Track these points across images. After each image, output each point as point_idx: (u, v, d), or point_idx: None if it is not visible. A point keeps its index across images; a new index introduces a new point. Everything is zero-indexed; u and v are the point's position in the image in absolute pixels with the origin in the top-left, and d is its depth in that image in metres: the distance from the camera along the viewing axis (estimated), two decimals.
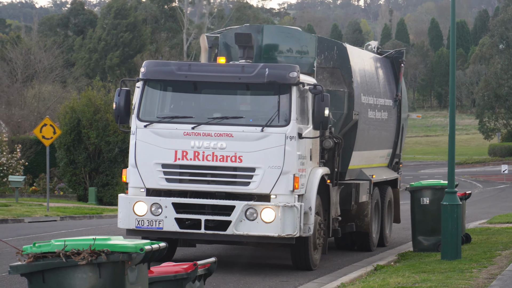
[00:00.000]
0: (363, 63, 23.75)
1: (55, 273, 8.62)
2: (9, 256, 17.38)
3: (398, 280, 18.92)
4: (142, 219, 17.98)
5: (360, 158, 23.56)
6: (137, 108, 18.03)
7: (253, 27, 22.19)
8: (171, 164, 17.95)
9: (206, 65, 19.27)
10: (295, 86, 17.70)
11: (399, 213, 28.66)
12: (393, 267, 21.88)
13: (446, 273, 19.73)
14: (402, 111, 27.22)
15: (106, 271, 8.63)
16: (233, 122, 17.70)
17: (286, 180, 17.42)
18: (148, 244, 9.02)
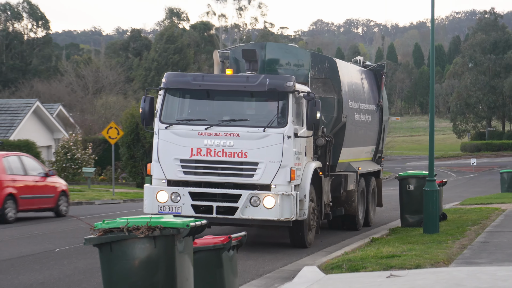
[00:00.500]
0: (350, 75, 23.70)
1: (120, 244, 8.64)
2: (83, 231, 17.39)
3: (389, 250, 18.91)
4: (164, 206, 17.95)
5: (348, 154, 23.43)
6: (159, 112, 18.19)
7: (257, 44, 22.40)
8: (188, 159, 17.91)
9: (217, 76, 19.37)
10: (291, 94, 17.78)
11: (381, 199, 28.74)
12: (385, 239, 21.87)
13: (427, 244, 19.72)
14: (383, 114, 27.27)
15: (160, 243, 8.64)
16: (239, 124, 17.84)
17: (284, 173, 17.40)
18: (193, 221, 9.03)
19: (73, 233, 23.82)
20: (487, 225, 24.66)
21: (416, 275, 15.29)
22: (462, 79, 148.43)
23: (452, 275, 15.11)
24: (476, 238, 21.10)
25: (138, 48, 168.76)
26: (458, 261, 16.98)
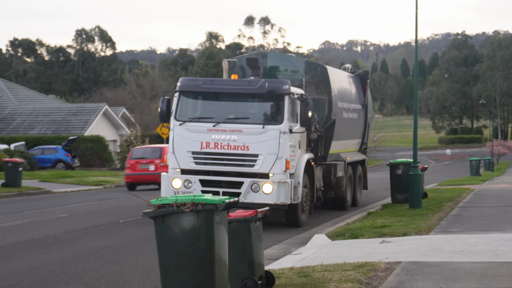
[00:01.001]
0: (339, 79, 23.02)
1: (170, 217, 8.65)
2: (142, 206, 17.38)
3: (382, 221, 18.88)
4: (178, 191, 17.26)
5: (338, 146, 22.62)
6: (174, 111, 17.61)
7: (260, 54, 21.56)
8: (198, 152, 17.24)
9: (224, 80, 18.64)
10: (287, 95, 17.25)
11: (367, 183, 27.62)
12: (379, 213, 21.81)
13: (412, 216, 19.67)
14: (368, 112, 26.53)
15: (202, 215, 8.63)
16: (242, 121, 17.29)
17: (281, 163, 16.75)
18: (227, 199, 9.03)
19: (134, 208, 23.80)
20: (460, 202, 24.58)
21: (403, 241, 15.25)
22: (439, 87, 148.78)
23: (432, 241, 15.07)
24: (451, 212, 21.05)
25: (184, 64, 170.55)
26: (437, 230, 16.95)
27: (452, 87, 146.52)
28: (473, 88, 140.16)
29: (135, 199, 17.63)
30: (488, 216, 19.73)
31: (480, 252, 13.40)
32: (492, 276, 11.01)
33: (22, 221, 21.58)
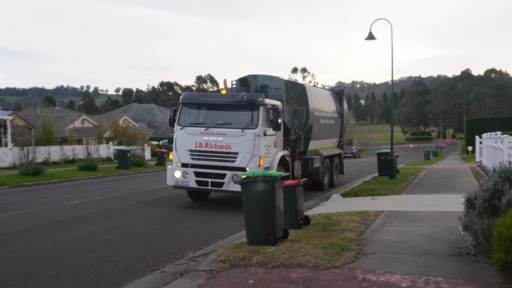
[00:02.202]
0: (316, 94, 19.71)
1: (250, 184, 8.67)
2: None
3: (372, 186, 18.68)
4: (178, 180, 14.65)
5: (316, 144, 19.29)
6: (177, 118, 15.00)
7: (251, 75, 17.69)
8: (194, 150, 14.50)
9: (214, 94, 15.62)
10: (261, 106, 14.33)
11: (343, 169, 23.49)
12: (370, 181, 21.49)
13: (390, 184, 19.37)
14: (344, 119, 22.82)
15: (268, 183, 8.63)
16: (227, 126, 14.34)
17: (255, 159, 13.98)
18: (283, 173, 9.02)
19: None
20: (418, 175, 24.08)
21: (385, 198, 15.04)
22: (405, 108, 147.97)
23: (402, 199, 14.82)
24: (413, 181, 20.64)
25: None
26: (405, 192, 16.66)
27: (413, 108, 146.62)
28: (425, 108, 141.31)
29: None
30: (435, 184, 19.32)
31: (430, 205, 13.19)
32: (438, 219, 10.89)
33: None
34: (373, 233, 9.49)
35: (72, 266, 8.21)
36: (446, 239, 8.83)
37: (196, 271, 7.40)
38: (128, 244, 9.77)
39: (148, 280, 7.23)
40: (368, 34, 22.42)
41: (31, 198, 17.24)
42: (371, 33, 22.39)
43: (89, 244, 9.77)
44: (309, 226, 10.31)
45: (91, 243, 9.86)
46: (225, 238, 10.20)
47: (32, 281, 7.37)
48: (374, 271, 6.98)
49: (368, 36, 22.43)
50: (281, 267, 7.26)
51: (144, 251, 9.25)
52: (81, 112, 73.15)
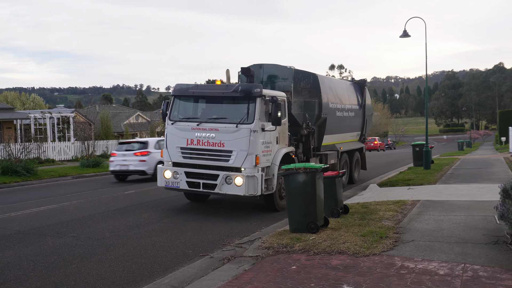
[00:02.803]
0: (330, 85, 16.56)
1: (292, 175, 8.59)
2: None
3: (408, 176, 18.26)
4: (168, 181, 12.18)
5: (332, 138, 16.41)
6: (169, 113, 12.52)
7: (257, 65, 14.88)
8: (185, 147, 11.98)
9: (206, 85, 12.88)
10: (258, 98, 11.61)
11: (365, 165, 19.92)
12: (406, 172, 20.98)
13: (425, 174, 18.89)
14: (366, 111, 19.62)
15: (309, 174, 8.53)
16: (220, 121, 11.79)
17: (251, 159, 11.29)
18: (323, 165, 8.89)
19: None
20: (453, 166, 23.44)
21: (421, 188, 14.67)
22: (438, 101, 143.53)
23: (437, 188, 14.42)
24: (448, 171, 20.10)
25: None
26: (439, 182, 16.23)
27: (446, 101, 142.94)
28: (458, 101, 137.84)
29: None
30: (470, 174, 18.73)
31: (465, 194, 12.78)
32: (473, 208, 10.53)
33: None
34: (410, 222, 9.25)
35: (129, 251, 8.34)
36: (482, 228, 8.52)
37: (242, 257, 7.39)
38: (179, 231, 9.86)
39: (198, 265, 7.26)
40: (403, 32, 21.88)
41: (91, 188, 17.66)
42: (406, 31, 21.85)
43: (144, 231, 9.91)
44: (348, 214, 10.15)
45: (146, 230, 10.00)
46: (269, 226, 10.16)
47: (93, 265, 7.53)
48: (412, 259, 6.79)
49: (403, 34, 21.89)
50: (322, 254, 7.16)
51: (194, 237, 9.29)
52: (135, 109, 74.45)
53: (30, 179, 19.82)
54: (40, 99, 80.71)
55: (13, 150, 22.76)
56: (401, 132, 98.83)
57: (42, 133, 35.34)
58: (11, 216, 11.75)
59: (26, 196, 15.35)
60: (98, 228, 10.21)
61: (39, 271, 7.25)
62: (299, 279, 6.12)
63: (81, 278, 6.88)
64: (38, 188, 18.13)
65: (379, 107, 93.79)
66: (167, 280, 6.61)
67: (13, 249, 8.50)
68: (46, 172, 21.73)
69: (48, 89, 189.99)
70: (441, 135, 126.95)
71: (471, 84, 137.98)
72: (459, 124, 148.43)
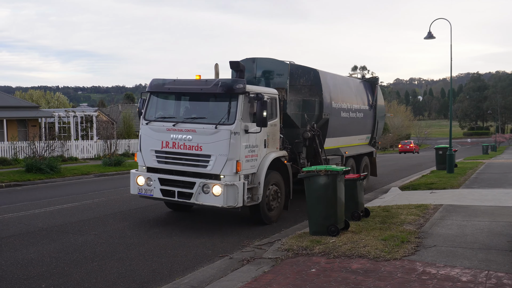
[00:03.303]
0: (336, 82, 14.90)
1: (313, 177, 8.55)
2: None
3: (430, 180, 17.99)
4: (141, 188, 10.72)
5: (336, 142, 14.84)
6: (144, 111, 11.08)
7: (250, 59, 13.20)
8: (160, 150, 10.51)
9: (184, 80, 10.92)
10: (241, 95, 10.05)
11: (375, 170, 18.23)
12: (428, 175, 20.70)
13: (448, 178, 18.58)
14: (377, 112, 17.73)
15: (330, 177, 8.49)
16: (199, 121, 10.25)
17: (231, 165, 9.73)
18: (345, 168, 8.83)
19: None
20: (477, 170, 23.06)
21: (444, 192, 14.47)
22: (463, 103, 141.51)
23: (461, 193, 14.21)
24: (471, 176, 19.78)
25: None
26: (463, 186, 15.98)
27: (471, 103, 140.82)
28: (483, 104, 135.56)
29: None
30: (494, 179, 18.41)
31: (490, 199, 12.56)
32: (498, 214, 10.35)
33: None
34: (432, 227, 9.13)
35: (149, 250, 8.41)
36: (507, 234, 8.36)
37: (261, 259, 7.39)
38: (199, 231, 9.91)
39: (217, 266, 7.29)
40: (427, 34, 21.61)
41: (113, 186, 17.84)
42: (430, 32, 21.57)
43: (165, 230, 9.98)
44: (369, 218, 10.07)
45: (166, 229, 10.07)
46: (289, 228, 10.14)
47: (114, 263, 7.61)
48: (434, 264, 6.70)
49: (427, 36, 21.62)
50: (342, 257, 7.12)
51: (214, 237, 9.33)
52: None
53: (54, 177, 20.13)
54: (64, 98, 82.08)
55: (37, 148, 23.15)
56: (424, 134, 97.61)
57: (66, 132, 35.90)
58: (35, 213, 11.95)
59: (49, 194, 15.60)
60: (119, 227, 10.32)
61: (61, 268, 7.36)
62: (318, 282, 6.09)
63: (102, 276, 6.97)
64: (61, 185, 18.41)
65: (401, 109, 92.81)
66: (187, 280, 6.64)
67: (36, 246, 8.64)
68: (69, 170, 22.05)
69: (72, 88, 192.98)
70: (465, 138, 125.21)
71: (497, 86, 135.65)
72: (483, 127, 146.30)
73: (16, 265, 7.50)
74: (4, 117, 31.79)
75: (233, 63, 11.26)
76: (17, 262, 7.65)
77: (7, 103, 34.83)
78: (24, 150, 25.59)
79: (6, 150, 25.69)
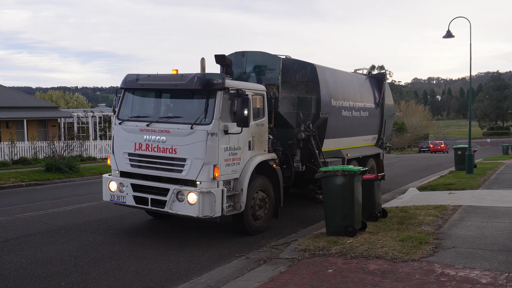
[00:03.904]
0: (335, 79, 13.56)
1: (330, 177, 8.51)
2: None
3: (449, 180, 17.76)
4: (113, 194, 9.71)
5: (337, 143, 13.67)
6: (117, 110, 9.98)
7: (240, 52, 11.94)
8: (133, 153, 9.46)
9: (160, 76, 9.71)
10: (220, 91, 8.89)
11: (383, 173, 15.04)
12: (447, 176, 20.45)
13: (467, 178, 18.33)
14: (385, 111, 16.46)
15: (348, 177, 8.44)
16: (174, 120, 9.15)
17: (208, 170, 8.62)
18: (362, 168, 8.78)
19: None
20: (497, 170, 22.72)
21: (462, 193, 14.28)
22: (483, 103, 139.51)
23: (480, 193, 14.01)
24: (491, 176, 19.48)
25: None
26: (483, 187, 15.75)
27: (491, 103, 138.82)
28: (504, 103, 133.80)
29: None
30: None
31: (510, 201, 12.37)
32: None
33: None
34: (451, 228, 9.02)
35: (166, 249, 8.46)
36: None
37: (278, 259, 7.38)
38: (216, 230, 9.93)
39: (234, 265, 7.30)
40: (446, 32, 21.36)
41: None
42: (449, 31, 21.32)
43: (181, 229, 10.03)
44: (386, 218, 9.99)
45: (183, 228, 10.12)
46: (306, 228, 10.11)
47: (131, 262, 7.67)
48: (452, 266, 6.62)
49: (446, 34, 21.37)
50: (359, 258, 7.07)
51: (230, 237, 9.34)
52: None
53: (72, 176, 20.36)
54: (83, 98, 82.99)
55: (56, 147, 23.45)
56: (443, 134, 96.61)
57: (85, 132, 36.31)
58: (54, 212, 12.11)
59: (68, 193, 15.78)
60: (137, 226, 10.40)
61: (80, 266, 7.44)
62: (335, 282, 6.06)
63: (120, 275, 7.03)
64: (80, 185, 18.61)
65: (419, 109, 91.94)
66: (204, 279, 6.66)
67: (55, 245, 8.75)
68: (88, 169, 22.27)
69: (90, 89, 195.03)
70: (485, 138, 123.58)
71: None
72: (504, 127, 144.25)
73: (36, 263, 7.60)
74: (25, 117, 32.26)
75: (219, 56, 10.04)
76: (37, 260, 7.76)
77: (28, 104, 35.35)
78: (44, 150, 25.94)
79: (26, 150, 26.07)
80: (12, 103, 33.81)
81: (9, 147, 25.10)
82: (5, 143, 25.28)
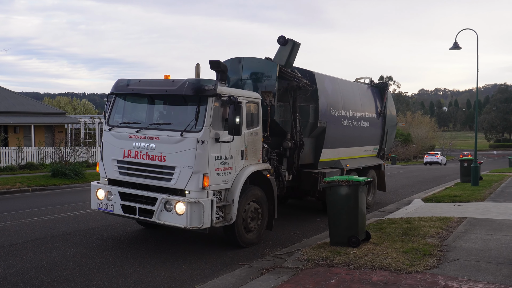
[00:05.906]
0: (334, 87, 13.20)
1: (335, 187, 8.51)
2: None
3: (454, 192, 17.68)
4: (101, 203, 9.34)
5: (336, 153, 13.26)
6: (107, 115, 9.63)
7: (236, 59, 11.54)
8: (122, 160, 9.11)
9: (151, 81, 9.33)
10: (211, 98, 8.54)
11: (383, 185, 16.29)
12: (452, 188, 20.37)
13: (473, 190, 18.23)
14: (387, 121, 16.00)
15: (352, 188, 8.44)
16: (164, 127, 8.80)
17: (197, 179, 8.25)
18: (367, 178, 8.76)
19: None
20: (503, 183, 22.60)
21: (468, 205, 14.21)
22: (489, 115, 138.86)
23: (485, 206, 13.94)
24: (497, 189, 19.37)
25: None
26: (488, 199, 15.66)
27: (497, 115, 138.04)
28: (511, 115, 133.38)
29: None
30: None
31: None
32: None
33: None
34: (456, 240, 8.98)
35: (170, 256, 8.47)
36: None
37: (281, 268, 7.37)
38: (219, 239, 9.92)
39: (237, 274, 7.29)
40: (453, 44, 21.37)
41: None
42: (456, 43, 21.33)
43: (184, 237, 10.04)
44: (390, 230, 9.94)
45: (187, 236, 10.12)
46: (310, 238, 10.09)
47: (135, 268, 7.69)
48: (456, 278, 6.59)
49: (453, 46, 21.38)
50: (362, 269, 7.06)
51: (234, 246, 9.29)
52: None
53: (78, 182, 20.44)
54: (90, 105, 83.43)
55: (63, 153, 23.57)
56: (449, 146, 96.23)
57: (91, 138, 36.46)
58: (60, 217, 12.15)
59: (74, 198, 15.84)
60: (141, 233, 10.42)
61: (83, 272, 7.47)
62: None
63: (123, 281, 7.04)
64: (85, 190, 18.66)
65: (426, 120, 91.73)
66: (206, 287, 6.66)
67: (60, 250, 8.79)
68: (93, 175, 22.32)
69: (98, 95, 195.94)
70: (491, 150, 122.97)
71: None
72: (510, 139, 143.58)
73: (41, 268, 7.64)
74: (32, 122, 32.45)
75: (213, 62, 9.64)
76: (42, 265, 7.79)
77: (35, 109, 35.58)
78: (50, 155, 26.07)
79: (33, 155, 26.21)
80: (20, 108, 34.04)
81: (16, 152, 25.25)
82: (12, 148, 25.44)
